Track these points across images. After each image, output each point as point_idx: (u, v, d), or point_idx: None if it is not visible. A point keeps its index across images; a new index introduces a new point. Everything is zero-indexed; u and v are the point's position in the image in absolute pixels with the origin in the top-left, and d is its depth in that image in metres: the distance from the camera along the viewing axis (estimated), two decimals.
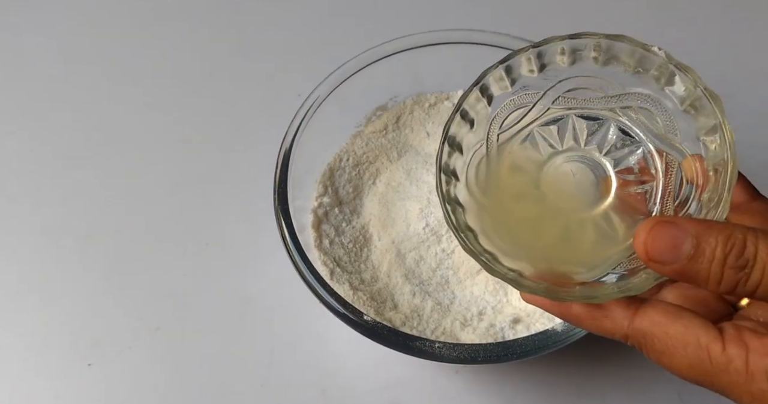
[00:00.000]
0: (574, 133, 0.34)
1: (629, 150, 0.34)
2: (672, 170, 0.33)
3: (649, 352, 0.30)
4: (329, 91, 0.49)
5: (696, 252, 0.27)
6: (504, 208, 0.34)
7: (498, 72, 0.33)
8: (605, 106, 0.34)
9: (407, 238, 0.49)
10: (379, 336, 0.42)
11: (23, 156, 0.60)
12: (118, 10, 0.67)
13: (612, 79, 0.33)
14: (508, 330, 0.46)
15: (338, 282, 0.48)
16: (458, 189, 0.34)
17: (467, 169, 0.34)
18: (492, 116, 0.34)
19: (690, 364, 0.29)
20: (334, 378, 0.51)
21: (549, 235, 0.34)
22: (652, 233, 0.28)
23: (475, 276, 0.48)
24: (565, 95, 0.34)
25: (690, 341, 0.29)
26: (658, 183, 0.33)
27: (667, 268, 0.28)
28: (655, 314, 0.30)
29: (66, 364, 0.52)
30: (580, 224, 0.33)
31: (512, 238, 0.34)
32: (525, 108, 0.34)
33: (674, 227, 0.28)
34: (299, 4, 0.66)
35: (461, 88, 0.54)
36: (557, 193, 0.34)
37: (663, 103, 0.32)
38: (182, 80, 0.63)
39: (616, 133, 0.34)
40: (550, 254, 0.33)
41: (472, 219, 0.33)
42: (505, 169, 0.34)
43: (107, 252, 0.55)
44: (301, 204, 0.49)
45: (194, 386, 0.51)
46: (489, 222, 0.33)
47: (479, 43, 0.50)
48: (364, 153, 0.53)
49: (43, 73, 0.64)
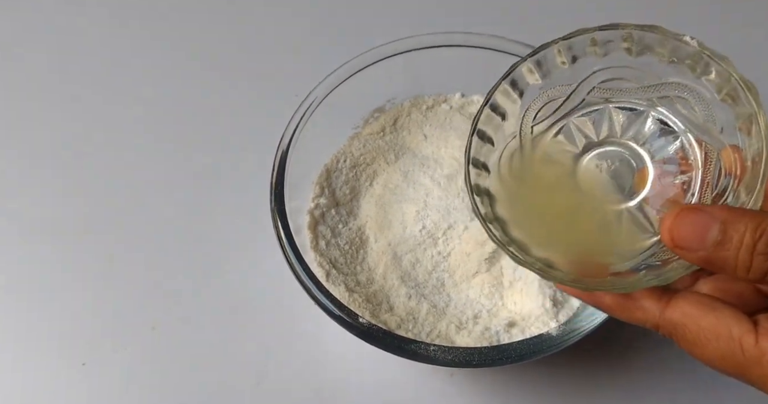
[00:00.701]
0: (610, 124, 0.34)
1: (667, 140, 0.33)
2: (711, 160, 0.32)
3: (680, 342, 0.30)
4: (327, 92, 0.49)
5: (723, 239, 0.27)
6: (538, 199, 0.34)
7: (528, 65, 0.33)
8: (642, 97, 0.33)
9: (403, 241, 0.49)
10: (374, 338, 0.42)
11: (19, 153, 0.60)
12: (118, 9, 0.67)
13: (647, 70, 0.32)
14: (503, 334, 0.46)
15: (334, 284, 0.48)
16: (489, 180, 0.34)
17: (500, 161, 0.34)
18: (524, 108, 0.34)
19: (722, 356, 0.29)
20: (328, 379, 0.51)
21: (584, 226, 0.34)
22: (677, 219, 0.28)
23: (471, 280, 0.48)
24: (600, 86, 0.34)
25: (722, 333, 0.28)
26: (697, 173, 0.32)
27: (693, 255, 0.28)
28: (687, 305, 0.30)
29: (60, 363, 0.52)
30: (615, 215, 0.33)
31: (546, 229, 0.34)
32: (559, 100, 0.34)
33: (701, 213, 0.28)
34: (299, 5, 0.66)
35: (459, 91, 0.54)
36: (592, 184, 0.34)
37: (700, 92, 0.31)
38: (180, 80, 0.63)
39: (654, 123, 0.33)
40: (584, 245, 0.33)
41: (502, 209, 0.33)
42: (540, 161, 0.34)
43: (103, 252, 0.55)
44: (298, 205, 0.49)
45: (189, 386, 0.51)
46: (522, 213, 0.34)
47: (477, 47, 0.50)
48: (361, 154, 0.53)
49: (42, 71, 0.64)
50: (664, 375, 0.50)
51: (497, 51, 0.49)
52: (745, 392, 0.49)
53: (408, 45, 0.50)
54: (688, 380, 0.50)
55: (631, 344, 0.51)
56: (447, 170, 0.50)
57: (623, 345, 0.51)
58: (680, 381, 0.50)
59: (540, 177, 0.35)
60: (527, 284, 0.47)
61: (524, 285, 0.47)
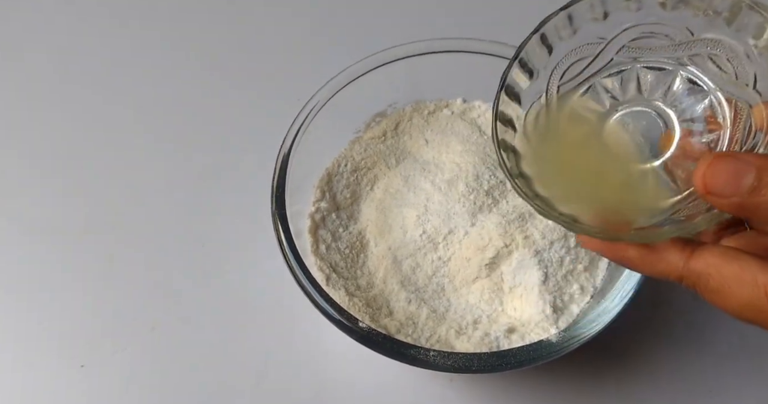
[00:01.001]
0: (637, 84, 0.34)
1: (695, 99, 0.33)
2: (740, 118, 0.32)
3: (703, 292, 0.30)
4: (329, 96, 0.49)
5: (759, 185, 0.27)
6: (564, 158, 0.35)
7: (560, 19, 0.32)
8: (672, 55, 0.33)
9: (404, 245, 0.49)
10: (374, 343, 0.42)
11: (19, 153, 0.60)
12: (119, 9, 0.67)
13: (680, 25, 0.32)
14: (502, 340, 0.46)
15: (334, 288, 0.48)
16: (515, 138, 0.34)
17: (525, 119, 0.34)
18: (552, 67, 0.34)
19: (745, 303, 0.29)
20: (327, 382, 0.51)
21: (609, 184, 0.34)
22: (712, 166, 0.28)
23: (471, 285, 0.48)
24: (630, 45, 0.33)
25: (746, 280, 0.29)
26: (725, 132, 0.32)
27: (725, 201, 0.28)
28: (711, 256, 0.30)
29: (58, 365, 0.52)
30: (640, 174, 0.33)
31: (571, 187, 0.34)
32: (587, 59, 0.34)
33: (736, 160, 0.28)
34: (302, 9, 0.66)
35: (460, 97, 0.54)
36: (618, 143, 0.34)
37: (734, 47, 0.31)
38: (183, 82, 0.63)
39: (683, 82, 0.33)
40: (608, 202, 0.34)
41: (527, 167, 0.33)
42: (566, 120, 0.35)
43: (103, 252, 0.55)
44: (299, 208, 0.49)
45: (189, 387, 0.51)
46: (547, 171, 0.34)
47: (479, 52, 0.50)
48: (362, 159, 0.53)
49: (42, 71, 0.64)
50: (663, 383, 0.50)
51: (499, 57, 0.50)
52: (745, 400, 0.50)
53: (410, 50, 0.50)
54: (688, 388, 0.50)
55: (631, 351, 0.51)
56: (448, 175, 0.50)
57: (623, 353, 0.51)
58: (680, 390, 0.50)
59: (566, 135, 0.35)
60: (527, 290, 0.47)
61: (524, 291, 0.47)
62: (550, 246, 0.48)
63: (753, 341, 0.51)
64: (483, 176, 0.50)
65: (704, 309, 0.52)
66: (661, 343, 0.51)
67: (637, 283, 0.44)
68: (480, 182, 0.50)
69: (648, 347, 0.51)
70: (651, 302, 0.52)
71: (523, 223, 0.48)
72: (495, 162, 0.51)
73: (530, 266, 0.47)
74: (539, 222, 0.48)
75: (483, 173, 0.50)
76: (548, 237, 0.48)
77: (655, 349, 0.51)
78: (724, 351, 0.51)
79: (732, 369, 0.51)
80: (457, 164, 0.51)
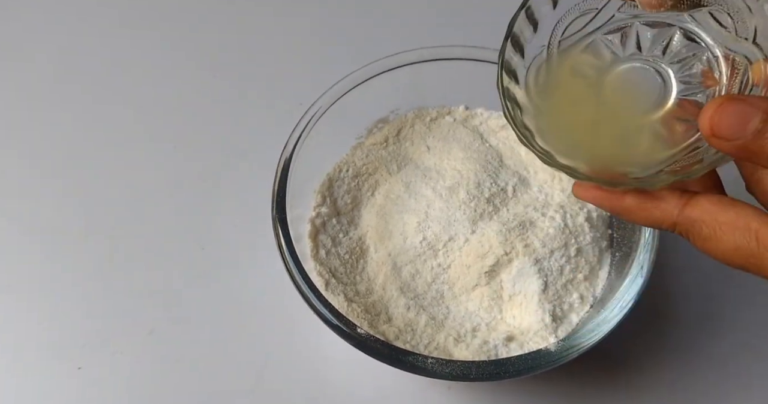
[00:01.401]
0: (637, 40, 0.34)
1: (694, 55, 0.34)
2: (737, 73, 0.32)
3: (695, 239, 0.31)
4: (331, 101, 0.50)
5: (764, 128, 0.27)
6: (562, 112, 0.35)
7: None
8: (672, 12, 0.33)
9: (404, 251, 0.49)
10: (372, 349, 0.42)
11: (19, 153, 0.60)
12: (120, 10, 0.67)
13: None
14: (501, 348, 0.46)
15: (333, 294, 0.48)
16: (517, 91, 0.35)
17: (527, 73, 0.35)
18: (556, 20, 0.35)
19: (736, 247, 0.29)
20: (325, 387, 0.51)
21: (607, 138, 0.35)
22: (720, 109, 0.28)
23: (471, 292, 0.48)
24: (631, 2, 0.34)
25: (739, 225, 0.29)
26: (721, 88, 0.33)
27: (729, 144, 0.28)
28: (707, 203, 0.30)
29: (55, 367, 0.51)
30: (637, 128, 0.34)
31: (569, 140, 0.35)
32: (589, 14, 0.35)
33: (743, 103, 0.28)
34: (305, 14, 0.66)
35: (463, 104, 0.54)
36: (616, 98, 0.34)
37: (735, 2, 0.32)
38: (185, 85, 0.63)
39: (681, 39, 0.34)
40: (606, 156, 0.34)
41: (529, 120, 0.34)
42: (566, 74, 0.35)
43: (101, 254, 0.55)
44: (299, 213, 0.49)
45: (186, 390, 0.51)
46: (546, 125, 0.34)
47: (482, 60, 0.50)
48: (363, 164, 0.53)
49: (42, 71, 0.64)
50: (663, 393, 0.50)
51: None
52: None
53: (413, 57, 0.51)
54: (688, 398, 0.50)
55: (630, 362, 0.51)
56: (449, 182, 0.50)
57: (622, 363, 0.51)
58: (680, 400, 0.50)
59: (565, 89, 0.36)
60: (527, 298, 0.47)
61: (524, 300, 0.47)
62: (551, 255, 0.48)
63: (754, 351, 0.52)
64: (484, 184, 0.50)
65: (704, 319, 0.52)
66: (660, 354, 0.51)
67: (637, 293, 0.44)
68: (481, 190, 0.50)
69: (647, 357, 0.51)
70: (650, 312, 0.52)
71: (523, 231, 0.48)
72: (496, 169, 0.51)
73: (530, 274, 0.47)
74: (540, 230, 0.48)
75: (484, 180, 0.50)
76: (548, 245, 0.48)
77: (655, 359, 0.51)
78: (724, 361, 0.51)
79: (732, 380, 0.51)
80: (458, 171, 0.51)
